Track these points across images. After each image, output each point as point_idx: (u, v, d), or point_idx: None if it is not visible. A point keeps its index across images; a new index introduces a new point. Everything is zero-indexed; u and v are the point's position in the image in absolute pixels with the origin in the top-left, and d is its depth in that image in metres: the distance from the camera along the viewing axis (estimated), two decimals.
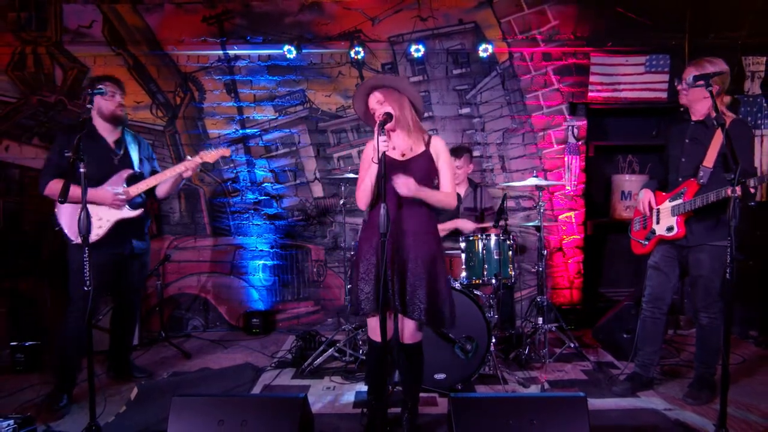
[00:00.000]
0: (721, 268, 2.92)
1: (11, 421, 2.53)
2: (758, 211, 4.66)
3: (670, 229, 3.03)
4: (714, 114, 2.80)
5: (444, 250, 2.58)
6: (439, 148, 2.55)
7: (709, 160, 2.89)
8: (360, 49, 4.52)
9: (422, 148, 2.53)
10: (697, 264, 3.00)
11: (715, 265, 2.93)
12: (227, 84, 4.80)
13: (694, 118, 3.04)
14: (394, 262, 2.43)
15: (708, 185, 2.88)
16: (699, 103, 2.97)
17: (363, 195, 2.50)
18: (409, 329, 2.51)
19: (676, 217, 3.00)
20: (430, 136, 2.58)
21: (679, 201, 2.98)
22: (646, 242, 3.20)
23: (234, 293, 4.87)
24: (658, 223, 3.13)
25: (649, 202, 3.14)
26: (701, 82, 2.70)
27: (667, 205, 3.07)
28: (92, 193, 3.00)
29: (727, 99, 2.98)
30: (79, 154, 2.44)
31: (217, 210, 4.87)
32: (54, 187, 3.00)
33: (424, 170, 2.50)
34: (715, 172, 2.87)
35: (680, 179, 3.03)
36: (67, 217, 3.04)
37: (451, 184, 2.54)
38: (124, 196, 3.10)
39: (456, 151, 4.06)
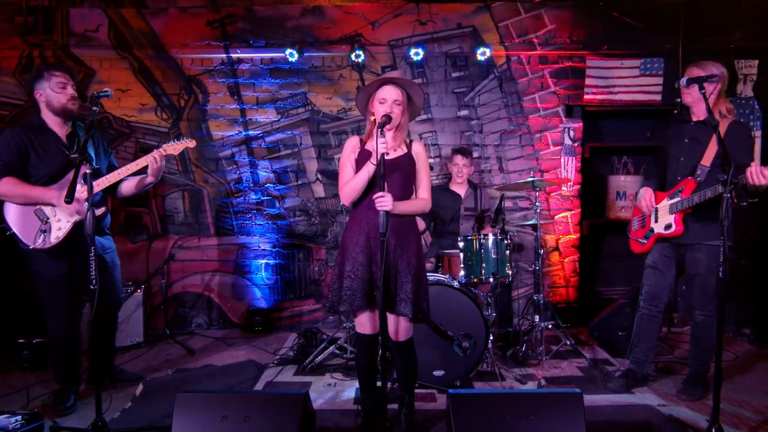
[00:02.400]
0: (718, 267, 2.92)
1: (19, 417, 2.54)
2: (750, 211, 4.66)
3: (668, 226, 3.03)
4: (717, 113, 2.83)
5: (422, 246, 2.60)
6: (420, 152, 2.59)
7: (707, 159, 2.89)
8: (360, 52, 4.53)
9: (405, 150, 2.58)
10: (694, 263, 3.00)
11: (712, 264, 2.92)
12: (230, 87, 4.80)
13: (694, 119, 3.03)
14: (382, 261, 2.42)
15: (705, 183, 2.87)
16: (702, 104, 2.90)
17: (353, 193, 2.49)
18: (402, 328, 2.51)
19: (674, 215, 2.99)
20: (411, 140, 2.63)
21: (677, 199, 2.98)
22: (645, 241, 3.19)
23: (237, 291, 4.87)
24: (656, 221, 3.12)
25: (651, 200, 3.13)
26: (694, 85, 2.73)
27: (665, 204, 3.07)
28: (41, 192, 2.76)
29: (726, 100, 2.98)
30: (86, 155, 2.41)
31: (220, 210, 4.87)
32: (3, 186, 2.76)
33: (406, 172, 2.54)
34: (712, 170, 2.87)
35: (679, 178, 3.03)
36: (16, 220, 2.77)
37: (427, 190, 2.59)
38: (82, 195, 2.71)
39: (463, 151, 4.09)
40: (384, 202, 2.31)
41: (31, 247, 2.76)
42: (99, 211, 2.90)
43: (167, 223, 4.83)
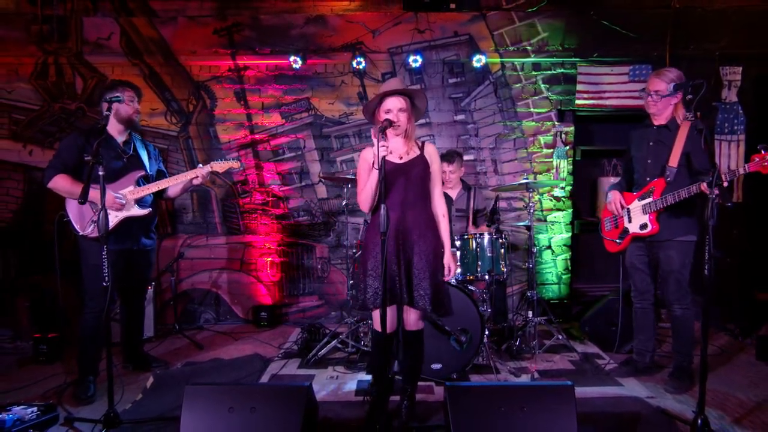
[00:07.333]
0: (690, 261, 3.00)
1: (35, 408, 2.55)
2: (736, 212, 4.66)
3: (643, 226, 3.05)
4: (680, 116, 2.94)
5: (443, 245, 2.58)
6: (433, 154, 2.59)
7: (674, 159, 2.95)
8: (361, 59, 4.53)
9: (417, 152, 2.56)
10: (667, 260, 3.04)
11: (684, 260, 2.99)
12: (237, 92, 4.80)
13: (657, 123, 3.09)
14: (401, 258, 2.45)
15: (674, 183, 2.93)
16: (666, 110, 3.03)
17: (367, 200, 2.50)
18: (413, 318, 2.54)
19: (648, 215, 3.03)
20: (423, 142, 2.61)
21: (649, 199, 3.02)
22: (620, 241, 3.22)
23: (243, 288, 4.87)
24: (630, 221, 3.15)
25: (620, 203, 3.17)
26: (677, 89, 2.84)
27: (637, 204, 3.10)
28: (93, 193, 2.82)
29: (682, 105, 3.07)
30: (99, 158, 2.45)
31: (227, 210, 4.87)
32: (58, 181, 2.96)
33: (421, 173, 2.53)
34: (679, 170, 2.93)
35: (648, 179, 3.07)
36: (73, 209, 3.00)
37: (440, 191, 2.63)
38: (123, 201, 3.04)
39: (448, 156, 4.02)
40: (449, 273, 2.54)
41: (81, 234, 2.98)
42: (145, 212, 3.14)
43: (176, 223, 4.83)
